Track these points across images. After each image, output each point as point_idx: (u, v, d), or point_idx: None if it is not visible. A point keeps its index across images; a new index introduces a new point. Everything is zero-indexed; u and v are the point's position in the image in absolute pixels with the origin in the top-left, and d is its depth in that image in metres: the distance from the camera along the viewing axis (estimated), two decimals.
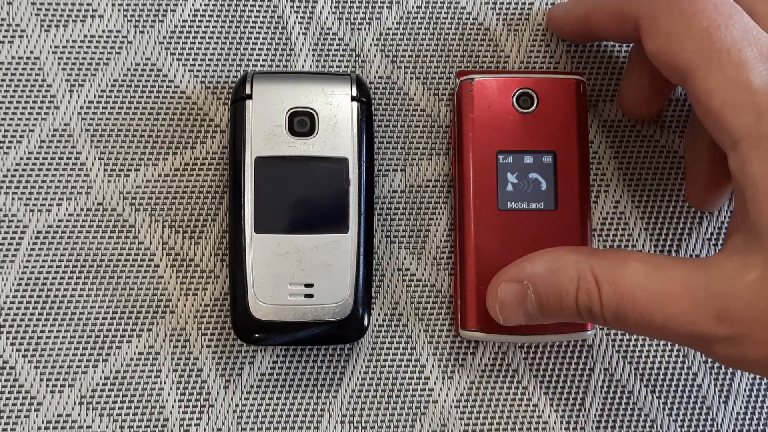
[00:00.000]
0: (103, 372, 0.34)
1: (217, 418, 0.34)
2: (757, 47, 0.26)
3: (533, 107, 0.33)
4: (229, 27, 0.36)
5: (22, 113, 0.35)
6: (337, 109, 0.33)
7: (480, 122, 0.33)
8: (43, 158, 0.35)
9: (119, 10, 0.36)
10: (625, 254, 0.28)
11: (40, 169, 0.35)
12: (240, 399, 0.35)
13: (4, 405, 0.34)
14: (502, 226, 0.33)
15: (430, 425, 0.35)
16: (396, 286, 0.35)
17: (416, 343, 0.35)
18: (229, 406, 0.35)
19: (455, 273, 0.34)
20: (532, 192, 0.33)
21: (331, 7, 0.36)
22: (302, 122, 0.33)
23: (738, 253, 0.26)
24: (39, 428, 0.34)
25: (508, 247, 0.33)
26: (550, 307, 0.29)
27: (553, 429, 0.35)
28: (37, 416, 0.34)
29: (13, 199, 0.35)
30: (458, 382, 0.35)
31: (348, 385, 0.35)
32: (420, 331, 0.35)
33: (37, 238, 0.34)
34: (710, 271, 0.26)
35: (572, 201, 0.33)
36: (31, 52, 0.35)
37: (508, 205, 0.33)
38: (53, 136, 0.35)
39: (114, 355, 0.34)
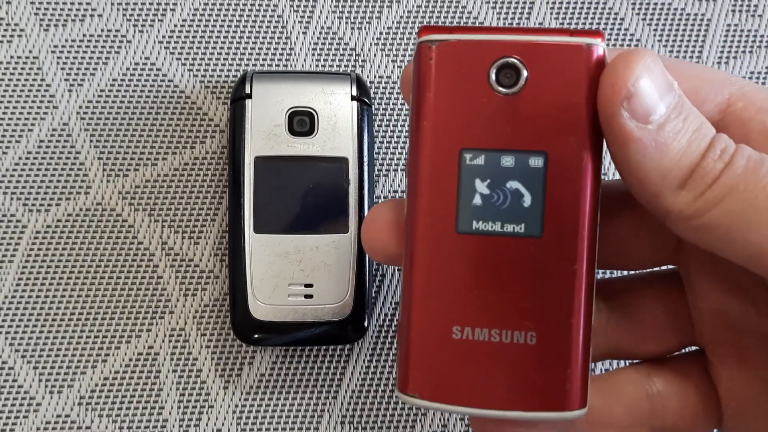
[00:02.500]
0: (102, 372, 0.34)
1: (217, 418, 0.34)
2: None
3: (519, 85, 0.22)
4: (229, 26, 0.36)
5: (21, 113, 0.35)
6: (337, 108, 0.33)
7: (439, 105, 0.23)
8: (42, 158, 0.35)
9: (118, 10, 0.35)
10: None
11: (39, 169, 0.35)
12: (240, 399, 0.34)
13: (3, 405, 0.34)
14: (462, 256, 0.23)
15: (430, 426, 0.35)
16: (396, 286, 0.35)
17: None
18: (229, 406, 0.34)
19: (400, 314, 0.24)
20: (510, 208, 0.23)
21: (331, 6, 0.36)
22: (302, 122, 0.33)
23: None
24: (38, 429, 0.34)
25: (466, 286, 0.23)
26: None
27: None
28: (36, 417, 0.34)
29: (11, 199, 0.34)
30: None
31: (348, 385, 0.35)
32: None
33: (35, 238, 0.34)
34: None
35: (566, 225, 0.23)
36: (30, 51, 0.35)
37: (473, 226, 0.23)
38: (52, 135, 0.35)
39: (113, 355, 0.34)
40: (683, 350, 0.28)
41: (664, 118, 0.21)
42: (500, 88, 0.23)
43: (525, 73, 0.22)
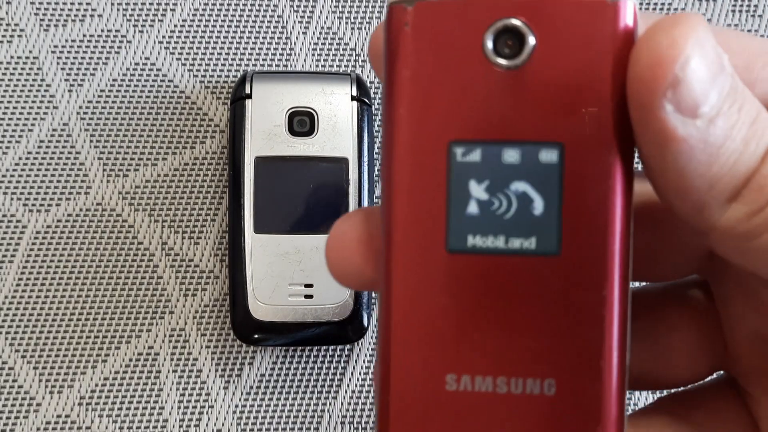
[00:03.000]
0: (102, 373, 0.34)
1: (217, 419, 0.34)
2: None
3: (523, 56, 0.17)
4: (229, 27, 0.36)
5: (21, 113, 0.35)
6: (337, 108, 0.33)
7: (419, 86, 0.18)
8: (42, 158, 0.35)
9: (118, 10, 0.35)
10: None
11: (39, 169, 0.35)
12: (240, 400, 0.34)
13: (3, 406, 0.34)
14: (455, 282, 0.18)
15: None
16: None
17: None
18: (229, 407, 0.34)
19: (378, 358, 0.19)
20: (516, 218, 0.17)
21: (331, 6, 0.36)
22: (302, 122, 0.33)
23: None
24: (38, 429, 0.34)
25: (462, 322, 0.17)
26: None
27: None
28: (36, 417, 0.34)
29: (12, 199, 0.34)
30: None
31: (348, 386, 0.35)
32: None
33: (36, 238, 0.34)
34: None
35: (590, 238, 0.17)
36: (30, 51, 0.35)
37: (469, 243, 0.17)
38: (52, 135, 0.35)
39: (113, 355, 0.34)
40: (713, 376, 0.23)
41: (716, 110, 0.15)
42: (499, 60, 0.17)
43: (531, 39, 0.17)
